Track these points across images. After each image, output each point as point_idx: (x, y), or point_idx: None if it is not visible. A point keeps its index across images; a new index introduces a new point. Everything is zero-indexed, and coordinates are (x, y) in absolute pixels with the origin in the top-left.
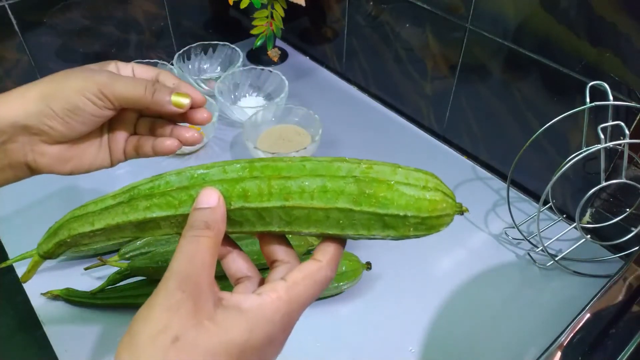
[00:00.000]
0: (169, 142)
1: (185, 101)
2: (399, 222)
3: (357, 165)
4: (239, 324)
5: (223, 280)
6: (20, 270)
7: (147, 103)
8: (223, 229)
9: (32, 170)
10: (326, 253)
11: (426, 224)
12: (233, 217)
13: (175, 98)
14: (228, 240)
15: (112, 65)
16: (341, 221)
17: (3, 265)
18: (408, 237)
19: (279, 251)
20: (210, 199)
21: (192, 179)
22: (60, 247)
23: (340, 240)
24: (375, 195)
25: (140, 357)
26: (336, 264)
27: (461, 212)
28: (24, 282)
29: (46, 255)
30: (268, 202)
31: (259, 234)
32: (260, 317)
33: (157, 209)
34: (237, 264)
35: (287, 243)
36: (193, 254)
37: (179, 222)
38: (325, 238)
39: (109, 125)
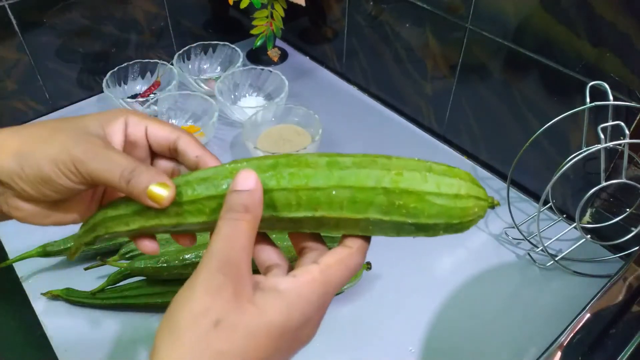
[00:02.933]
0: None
1: (163, 193)
2: (429, 228)
3: (386, 172)
4: (277, 305)
5: None
6: (20, 270)
7: (122, 190)
8: (260, 213)
9: (9, 217)
10: (356, 241)
11: (456, 227)
12: (262, 224)
13: (153, 189)
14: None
15: (121, 120)
16: (371, 227)
17: (3, 265)
18: (438, 235)
19: (307, 238)
20: (248, 181)
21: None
22: (99, 240)
23: None
24: (405, 206)
25: (181, 339)
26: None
27: (492, 206)
28: (71, 259)
29: (87, 244)
30: (297, 212)
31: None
32: (297, 297)
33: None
34: (268, 252)
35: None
36: (232, 237)
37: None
38: None
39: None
